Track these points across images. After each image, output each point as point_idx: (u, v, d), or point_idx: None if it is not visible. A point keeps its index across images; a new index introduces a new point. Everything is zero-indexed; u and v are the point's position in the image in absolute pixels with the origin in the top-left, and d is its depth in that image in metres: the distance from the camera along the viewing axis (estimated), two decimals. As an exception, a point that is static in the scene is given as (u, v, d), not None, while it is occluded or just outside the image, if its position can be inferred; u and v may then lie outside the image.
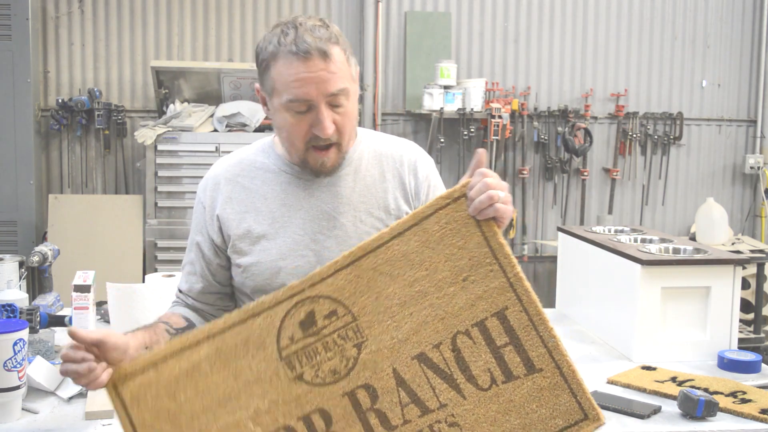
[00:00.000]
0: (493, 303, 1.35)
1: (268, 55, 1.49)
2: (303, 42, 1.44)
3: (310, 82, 1.45)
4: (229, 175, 1.63)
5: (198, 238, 1.63)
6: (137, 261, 4.88)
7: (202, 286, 1.66)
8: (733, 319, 2.46)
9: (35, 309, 2.25)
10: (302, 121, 1.49)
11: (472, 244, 1.36)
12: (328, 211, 1.58)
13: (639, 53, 5.83)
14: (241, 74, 4.99)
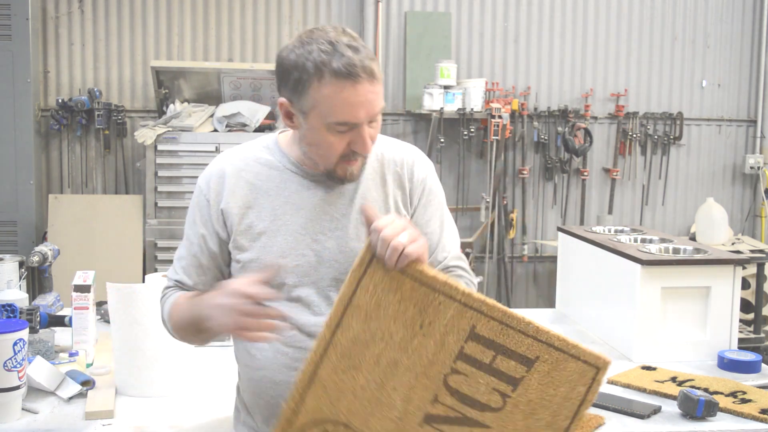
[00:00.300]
0: (459, 330, 1.34)
1: (308, 73, 1.44)
2: (351, 65, 1.42)
3: (360, 106, 1.45)
4: (233, 169, 1.61)
5: (203, 231, 1.60)
6: (137, 261, 4.88)
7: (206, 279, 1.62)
8: (733, 319, 2.46)
9: (35, 309, 2.26)
10: (342, 139, 1.49)
11: (408, 293, 1.35)
12: (331, 212, 1.58)
13: (639, 53, 5.83)
14: (241, 74, 4.99)
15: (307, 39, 1.46)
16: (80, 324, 2.26)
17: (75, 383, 2.01)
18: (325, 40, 1.44)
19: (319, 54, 1.43)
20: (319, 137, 1.49)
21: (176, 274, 1.65)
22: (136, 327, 2.03)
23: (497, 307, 1.33)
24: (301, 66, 1.45)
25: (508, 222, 5.63)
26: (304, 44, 1.46)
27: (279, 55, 1.51)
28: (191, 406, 2.02)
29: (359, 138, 1.48)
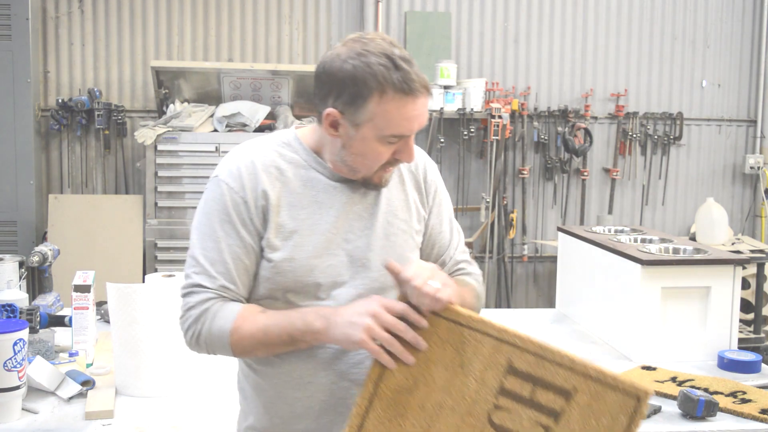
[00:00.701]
0: (497, 366, 1.36)
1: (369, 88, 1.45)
2: (412, 80, 1.45)
3: (415, 120, 1.49)
4: (263, 164, 1.56)
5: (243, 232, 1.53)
6: (137, 261, 4.88)
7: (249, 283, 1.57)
8: (733, 319, 2.46)
9: (35, 309, 2.26)
10: (390, 149, 1.52)
11: (445, 335, 1.38)
12: (358, 211, 1.58)
13: (639, 53, 5.83)
14: (241, 74, 4.99)
15: (363, 50, 1.46)
16: (80, 324, 2.26)
17: (75, 383, 2.01)
18: (381, 52, 1.45)
19: (380, 68, 1.44)
20: (369, 148, 1.50)
21: (215, 280, 1.52)
22: (136, 327, 2.03)
23: (531, 340, 1.35)
24: (360, 80, 1.45)
25: (508, 222, 5.63)
26: (360, 56, 1.45)
27: (329, 64, 1.48)
28: (191, 406, 2.02)
29: (406, 148, 1.53)
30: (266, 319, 1.50)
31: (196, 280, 1.53)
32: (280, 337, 1.48)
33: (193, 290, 1.53)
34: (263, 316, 1.51)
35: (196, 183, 4.71)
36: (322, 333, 1.46)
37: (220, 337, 1.51)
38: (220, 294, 1.53)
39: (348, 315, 1.43)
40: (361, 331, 1.39)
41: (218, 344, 1.52)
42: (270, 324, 1.49)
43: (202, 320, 1.52)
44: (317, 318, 1.47)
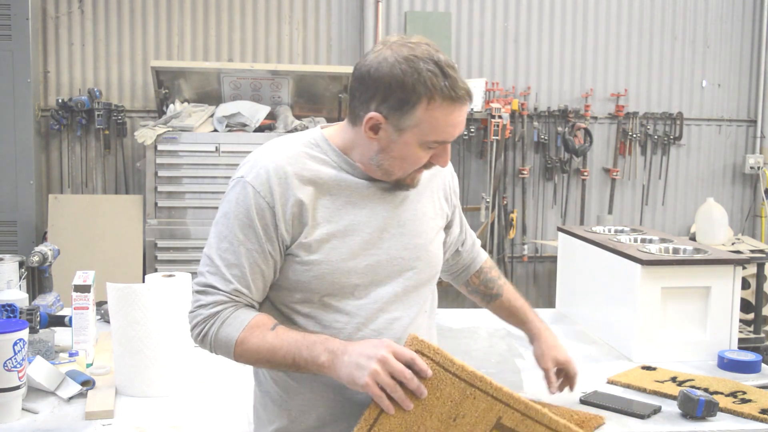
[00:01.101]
0: (487, 421, 1.46)
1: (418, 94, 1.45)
2: (459, 87, 1.47)
3: (459, 127, 1.51)
4: (294, 168, 1.52)
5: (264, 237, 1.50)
6: (137, 261, 4.88)
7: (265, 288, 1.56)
8: (733, 319, 2.46)
9: (35, 309, 2.25)
10: (429, 154, 1.54)
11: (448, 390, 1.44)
12: (390, 210, 1.59)
13: (639, 53, 5.83)
14: (241, 74, 4.99)
15: (411, 55, 1.46)
16: (80, 324, 2.26)
17: (75, 383, 2.01)
18: (429, 58, 1.46)
19: (429, 75, 1.45)
20: (409, 152, 1.51)
21: (229, 283, 1.51)
22: (136, 327, 2.03)
23: (519, 399, 1.47)
24: (410, 86, 1.45)
25: (508, 222, 5.63)
26: (408, 60, 1.45)
27: (375, 68, 1.47)
28: (191, 406, 2.02)
29: (444, 153, 1.55)
30: (274, 339, 1.48)
31: (210, 281, 1.52)
32: (284, 359, 1.48)
33: (207, 290, 1.53)
34: (272, 334, 1.49)
35: (196, 183, 4.72)
36: (326, 368, 1.44)
37: (226, 345, 1.51)
38: (233, 298, 1.52)
39: (356, 356, 1.41)
40: (368, 375, 1.38)
41: (223, 350, 1.52)
42: (277, 345, 1.48)
43: (211, 322, 1.52)
44: (324, 352, 1.44)
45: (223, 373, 2.23)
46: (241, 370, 2.22)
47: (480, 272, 1.97)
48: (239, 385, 2.13)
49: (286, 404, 1.59)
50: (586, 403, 2.04)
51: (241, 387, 2.11)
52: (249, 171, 1.53)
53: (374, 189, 1.58)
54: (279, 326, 1.51)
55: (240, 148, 4.69)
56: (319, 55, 5.47)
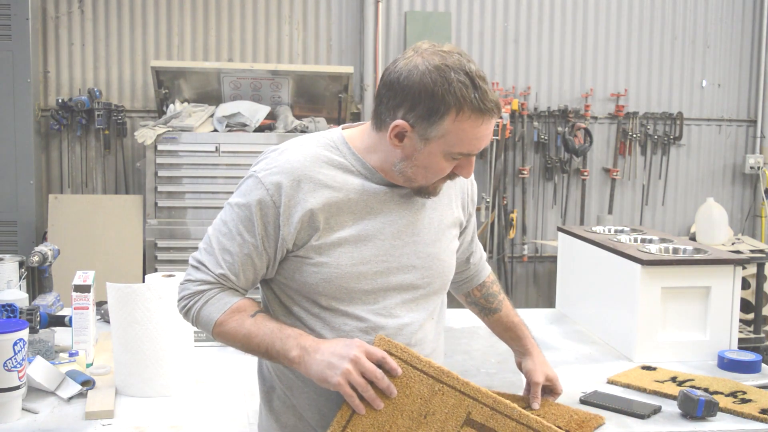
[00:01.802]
0: (458, 417, 1.48)
1: (447, 105, 1.44)
2: (489, 100, 1.48)
3: (486, 139, 1.51)
4: (309, 171, 1.51)
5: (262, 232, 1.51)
6: (137, 261, 4.88)
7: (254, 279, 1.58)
8: (733, 319, 2.46)
9: (35, 309, 2.25)
10: (452, 164, 1.52)
11: (416, 387, 1.46)
12: (407, 217, 1.57)
13: (639, 53, 5.83)
14: (241, 74, 4.99)
15: (442, 64, 1.45)
16: (80, 324, 2.26)
17: (75, 383, 2.01)
18: (460, 68, 1.45)
19: (459, 86, 1.44)
20: (434, 162, 1.50)
21: (219, 267, 1.54)
22: (136, 327, 2.03)
23: (488, 394, 1.50)
24: (439, 96, 1.43)
25: (508, 222, 5.63)
26: (439, 70, 1.44)
27: (405, 75, 1.46)
28: (191, 406, 2.02)
29: (468, 165, 1.54)
30: (251, 326, 1.51)
31: (203, 259, 1.56)
32: (258, 347, 1.51)
33: (199, 267, 1.56)
34: (250, 321, 1.52)
35: (196, 183, 4.72)
36: (296, 363, 1.47)
37: (206, 324, 1.55)
38: (220, 281, 1.54)
39: (328, 355, 1.43)
40: (340, 374, 1.41)
41: (203, 327, 1.57)
42: (253, 332, 1.51)
43: (196, 299, 1.55)
44: (295, 347, 1.47)
45: (223, 373, 2.23)
46: (240, 370, 2.22)
47: (482, 286, 1.98)
48: (239, 385, 2.13)
49: (289, 401, 1.60)
50: (586, 403, 2.04)
51: (241, 387, 2.11)
52: (264, 167, 1.53)
53: (392, 195, 1.56)
54: (260, 313, 1.54)
55: (240, 148, 4.69)
56: (319, 55, 5.47)
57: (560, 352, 2.55)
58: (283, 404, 1.61)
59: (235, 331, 1.52)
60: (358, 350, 1.42)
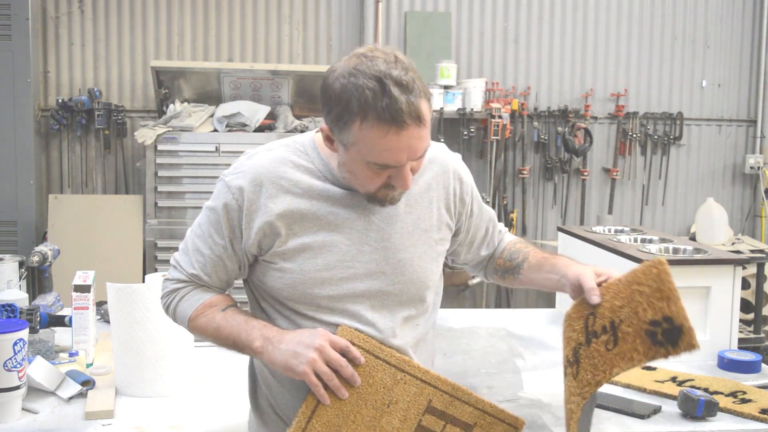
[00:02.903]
0: (419, 405, 1.53)
1: (351, 112, 1.37)
2: (398, 110, 1.34)
3: (402, 152, 1.40)
4: (273, 176, 1.51)
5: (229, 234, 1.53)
6: (137, 261, 4.88)
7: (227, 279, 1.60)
8: (733, 319, 2.46)
9: (35, 309, 2.26)
10: (381, 175, 1.44)
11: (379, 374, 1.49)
12: (376, 222, 1.53)
13: (639, 53, 5.83)
14: (241, 74, 4.99)
15: (355, 69, 1.38)
16: (80, 324, 2.26)
17: (75, 383, 2.01)
18: (374, 74, 1.36)
19: (366, 93, 1.35)
20: (358, 170, 1.44)
21: (192, 267, 1.58)
22: (136, 327, 2.03)
23: (447, 381, 1.55)
24: (345, 102, 1.38)
25: (508, 222, 5.63)
26: (351, 75, 1.38)
27: (325, 79, 1.43)
28: (191, 406, 2.02)
29: (400, 176, 1.44)
30: (221, 320, 1.55)
31: (179, 259, 1.62)
32: (226, 340, 1.55)
33: (176, 266, 1.62)
34: (220, 315, 1.56)
35: (196, 183, 4.72)
36: (259, 353, 1.49)
37: (182, 320, 1.61)
38: (193, 281, 1.60)
39: (293, 344, 1.45)
40: (306, 363, 1.42)
41: (180, 323, 1.63)
42: (222, 326, 1.55)
43: (172, 297, 1.62)
44: (259, 337, 1.49)
45: (223, 373, 2.23)
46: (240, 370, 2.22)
47: (503, 252, 1.84)
48: (239, 385, 2.13)
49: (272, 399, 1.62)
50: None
51: (240, 387, 2.11)
52: (231, 171, 1.56)
53: (360, 200, 1.52)
54: (231, 308, 1.58)
55: (240, 148, 4.69)
56: (319, 55, 5.47)
57: (560, 352, 2.55)
58: (266, 402, 1.64)
59: (206, 326, 1.57)
60: (322, 339, 1.44)
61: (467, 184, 1.68)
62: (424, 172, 1.60)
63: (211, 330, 1.56)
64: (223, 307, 1.58)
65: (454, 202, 1.65)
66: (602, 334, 1.51)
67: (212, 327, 1.56)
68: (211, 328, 1.56)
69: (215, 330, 1.56)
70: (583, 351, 1.52)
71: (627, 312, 1.50)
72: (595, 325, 1.52)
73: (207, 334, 1.58)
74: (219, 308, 1.57)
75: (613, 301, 1.53)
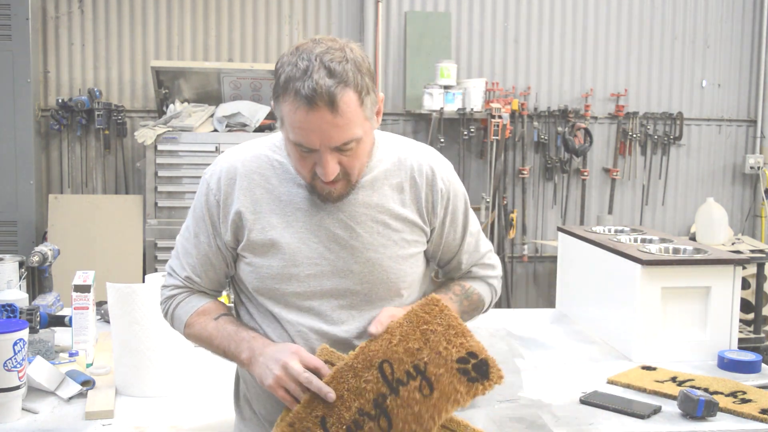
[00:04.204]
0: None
1: (280, 84, 1.42)
2: (310, 88, 1.36)
3: (313, 133, 1.40)
4: (245, 170, 1.55)
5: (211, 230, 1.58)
6: (137, 261, 4.88)
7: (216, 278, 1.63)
8: (733, 319, 2.46)
9: (35, 309, 2.26)
10: (307, 158, 1.45)
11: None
12: (345, 219, 1.53)
13: (639, 53, 5.83)
14: (241, 74, 4.99)
15: (297, 49, 1.43)
16: (80, 324, 2.26)
17: (75, 383, 2.02)
18: (308, 55, 1.39)
19: (293, 69, 1.39)
20: (290, 147, 1.47)
21: (184, 270, 1.62)
22: (136, 327, 2.03)
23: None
24: (278, 76, 1.43)
25: (508, 222, 5.63)
26: (291, 53, 1.43)
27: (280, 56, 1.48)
28: (191, 406, 2.02)
29: (320, 163, 1.44)
30: (213, 329, 1.59)
31: (173, 265, 1.66)
32: (218, 349, 1.58)
33: (170, 273, 1.67)
34: (213, 324, 1.59)
35: (196, 183, 4.66)
36: (245, 364, 1.54)
37: (178, 326, 1.65)
38: (186, 284, 1.64)
39: (266, 358, 1.49)
40: (272, 379, 1.46)
41: (177, 329, 1.67)
42: (214, 335, 1.58)
43: (169, 303, 1.66)
44: (246, 349, 1.53)
45: (223, 373, 2.23)
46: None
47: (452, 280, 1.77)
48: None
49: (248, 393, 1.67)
50: (586, 403, 2.04)
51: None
52: (210, 169, 1.61)
53: None
54: (223, 316, 1.60)
55: (240, 148, 4.69)
56: (319, 55, 5.47)
57: (560, 352, 2.55)
58: (244, 397, 1.68)
59: (200, 334, 1.61)
60: (290, 356, 1.46)
61: (442, 194, 1.60)
62: (397, 173, 1.57)
63: (204, 338, 1.60)
64: (216, 315, 1.61)
65: (426, 208, 1.59)
66: (410, 380, 1.44)
67: (205, 335, 1.60)
68: (204, 336, 1.60)
69: (208, 338, 1.59)
70: (392, 401, 1.43)
71: (428, 353, 1.45)
72: (396, 373, 1.44)
73: (201, 341, 1.62)
74: (212, 317, 1.60)
75: (405, 344, 1.46)
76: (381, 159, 1.58)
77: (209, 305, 1.63)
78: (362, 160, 1.50)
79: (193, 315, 1.61)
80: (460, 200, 1.65)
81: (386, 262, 1.55)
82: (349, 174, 1.48)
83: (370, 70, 1.45)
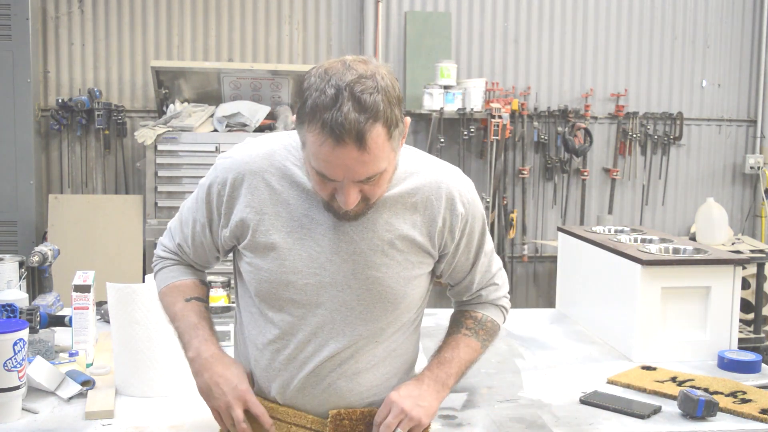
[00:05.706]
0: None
1: (306, 110, 1.35)
2: (340, 124, 1.29)
3: (338, 168, 1.35)
4: (256, 167, 1.52)
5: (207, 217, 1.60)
6: (137, 261, 4.88)
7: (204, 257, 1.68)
8: (733, 319, 2.46)
9: (35, 309, 2.25)
10: (326, 184, 1.40)
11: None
12: (350, 233, 1.48)
13: (639, 53, 5.83)
14: (241, 74, 4.99)
15: (327, 73, 1.35)
16: (80, 324, 2.26)
17: (75, 383, 2.01)
18: (337, 82, 1.32)
19: (321, 96, 1.32)
20: (309, 171, 1.43)
21: (179, 235, 1.68)
22: (136, 327, 2.03)
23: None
24: (304, 99, 1.36)
25: (508, 222, 5.63)
26: (320, 77, 1.35)
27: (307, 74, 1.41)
28: (191, 406, 2.02)
29: (340, 192, 1.40)
30: (179, 310, 1.63)
31: (172, 225, 1.72)
32: (175, 331, 1.64)
33: (169, 231, 1.73)
34: (180, 305, 1.64)
35: (196, 183, 4.65)
36: (189, 362, 1.59)
37: (157, 289, 1.71)
38: (176, 252, 1.69)
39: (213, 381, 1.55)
40: (212, 405, 1.55)
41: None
42: (177, 316, 1.63)
43: (157, 263, 1.73)
44: (193, 349, 1.58)
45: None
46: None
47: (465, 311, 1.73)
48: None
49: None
50: (586, 403, 2.04)
51: (241, 387, 2.11)
52: (226, 155, 1.60)
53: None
54: (194, 300, 1.65)
55: (240, 148, 4.68)
56: (319, 55, 5.47)
57: (560, 352, 2.55)
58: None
59: (167, 308, 1.67)
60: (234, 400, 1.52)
61: (462, 218, 1.55)
62: (413, 192, 1.52)
63: (169, 314, 1.66)
64: (188, 297, 1.65)
65: (441, 231, 1.54)
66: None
67: (170, 312, 1.65)
68: (169, 311, 1.66)
69: (172, 316, 1.65)
70: None
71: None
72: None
73: (166, 314, 1.67)
74: (184, 297, 1.65)
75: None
76: (400, 177, 1.52)
77: (187, 282, 1.68)
78: (384, 187, 1.45)
79: (169, 286, 1.67)
80: (478, 222, 1.60)
81: (387, 282, 1.50)
82: (369, 199, 1.44)
83: (399, 98, 1.38)
